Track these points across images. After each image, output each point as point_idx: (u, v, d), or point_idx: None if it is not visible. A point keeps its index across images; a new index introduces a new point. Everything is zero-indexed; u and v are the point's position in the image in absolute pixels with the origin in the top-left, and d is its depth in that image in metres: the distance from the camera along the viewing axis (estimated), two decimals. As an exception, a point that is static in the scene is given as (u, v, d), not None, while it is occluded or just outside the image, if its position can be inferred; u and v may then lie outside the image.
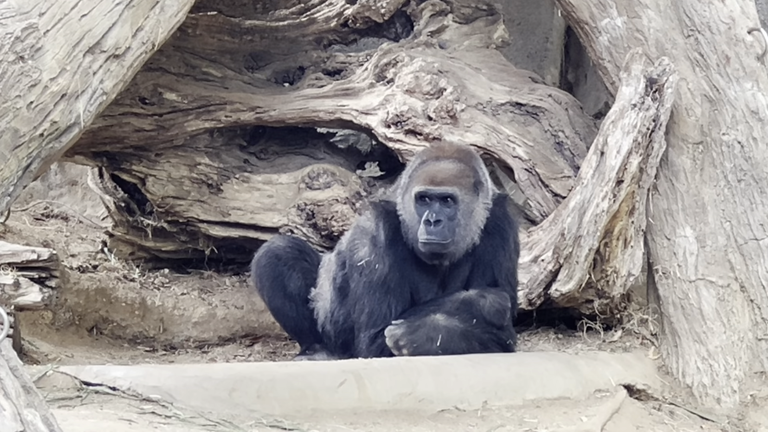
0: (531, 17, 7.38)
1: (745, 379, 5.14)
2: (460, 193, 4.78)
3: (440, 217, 4.73)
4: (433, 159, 4.88)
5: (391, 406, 4.44)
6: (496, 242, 4.92)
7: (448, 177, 4.79)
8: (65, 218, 6.85)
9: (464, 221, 4.78)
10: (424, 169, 4.84)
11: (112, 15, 4.33)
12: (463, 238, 4.81)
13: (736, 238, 5.22)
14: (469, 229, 4.83)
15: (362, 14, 6.24)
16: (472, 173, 4.86)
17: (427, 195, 4.76)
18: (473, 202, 4.83)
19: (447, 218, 4.74)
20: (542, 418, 4.60)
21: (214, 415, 4.14)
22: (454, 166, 4.83)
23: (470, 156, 4.97)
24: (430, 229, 4.71)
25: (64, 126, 4.25)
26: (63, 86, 4.19)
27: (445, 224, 4.72)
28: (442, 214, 4.74)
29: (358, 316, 4.93)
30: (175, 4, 4.58)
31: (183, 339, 6.03)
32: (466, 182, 4.82)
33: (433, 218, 4.72)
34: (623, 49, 5.37)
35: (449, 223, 4.74)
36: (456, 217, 4.76)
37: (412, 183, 4.82)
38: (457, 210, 4.77)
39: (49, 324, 5.65)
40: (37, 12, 4.14)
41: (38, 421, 2.90)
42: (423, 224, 4.72)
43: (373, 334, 4.82)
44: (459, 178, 4.80)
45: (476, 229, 4.86)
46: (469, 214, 4.80)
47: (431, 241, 4.73)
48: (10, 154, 4.10)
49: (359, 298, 4.90)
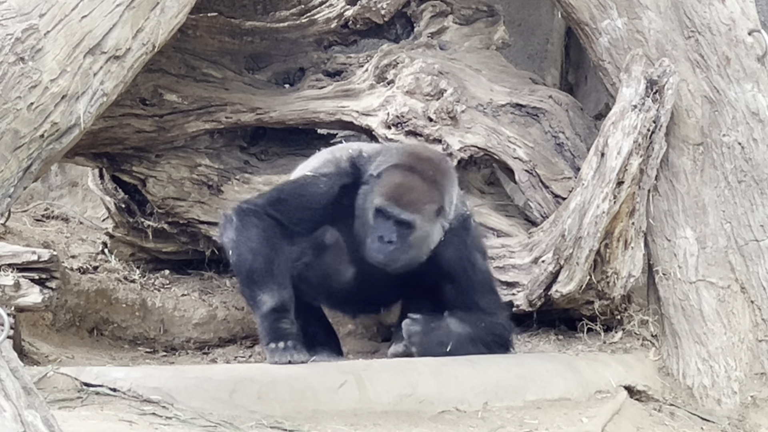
0: (531, 18, 7.38)
1: (745, 381, 5.14)
2: (420, 221, 4.73)
3: (393, 238, 4.69)
4: (406, 169, 4.80)
5: (391, 407, 4.44)
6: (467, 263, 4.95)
7: (413, 200, 4.72)
8: (66, 219, 6.85)
9: (417, 245, 4.76)
10: (393, 177, 4.77)
11: (112, 16, 4.33)
12: (411, 258, 4.78)
13: (736, 240, 5.22)
14: (420, 251, 4.80)
15: (362, 15, 6.24)
16: (438, 197, 4.79)
17: (386, 213, 4.71)
18: (431, 228, 4.79)
19: (400, 240, 4.70)
20: (543, 419, 4.60)
21: (215, 417, 4.14)
22: (423, 186, 4.76)
23: (443, 174, 4.89)
24: (381, 246, 4.69)
25: (65, 127, 4.25)
26: (63, 87, 4.19)
27: (397, 246, 4.69)
28: (397, 236, 4.69)
29: (271, 191, 4.93)
30: (175, 5, 4.58)
31: (183, 340, 6.03)
32: (430, 209, 4.76)
33: (387, 238, 4.68)
34: (623, 50, 5.37)
35: (401, 244, 4.70)
36: (409, 240, 4.73)
37: (378, 188, 4.75)
38: (412, 234, 4.73)
39: (49, 325, 5.65)
40: (37, 13, 4.14)
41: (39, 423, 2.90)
42: (376, 239, 4.70)
43: (269, 213, 4.76)
44: (423, 204, 4.74)
45: (427, 251, 4.82)
46: (423, 240, 4.77)
47: (378, 259, 4.71)
48: (10, 155, 4.10)
49: (290, 187, 4.91)
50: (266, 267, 4.69)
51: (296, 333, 4.66)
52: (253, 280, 4.71)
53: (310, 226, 4.83)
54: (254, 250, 4.68)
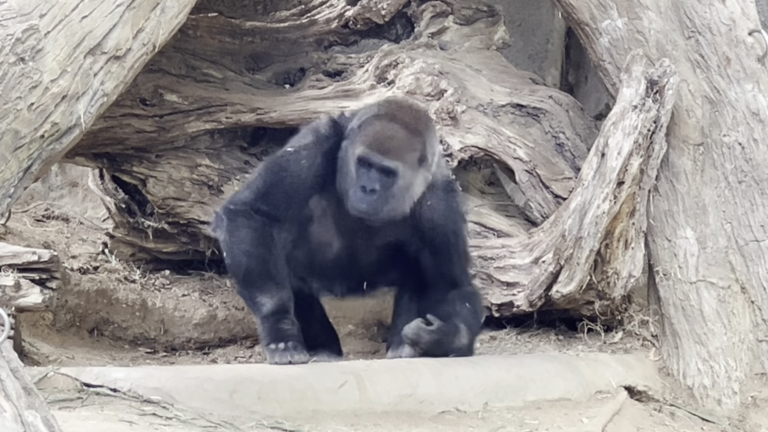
0: (531, 18, 7.37)
1: (745, 381, 5.14)
2: (402, 168, 4.66)
3: (376, 186, 4.62)
4: (386, 118, 4.74)
5: (391, 408, 4.45)
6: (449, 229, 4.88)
7: (394, 147, 4.66)
8: (66, 220, 6.85)
9: (400, 194, 4.69)
10: (373, 127, 4.71)
11: (112, 16, 4.33)
12: (394, 208, 4.70)
13: (736, 240, 5.22)
14: (404, 201, 4.73)
15: (363, 16, 6.24)
16: (420, 146, 4.73)
17: (368, 161, 4.65)
18: (414, 177, 4.72)
19: (383, 189, 4.63)
20: (543, 419, 4.60)
21: (215, 417, 4.14)
22: (404, 134, 4.71)
23: (424, 124, 4.84)
24: (364, 196, 4.62)
25: (65, 127, 4.26)
26: (64, 88, 4.19)
27: (380, 195, 4.63)
28: (380, 183, 4.63)
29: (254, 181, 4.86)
30: (175, 5, 4.58)
31: (184, 340, 6.03)
32: (411, 157, 4.70)
33: (369, 187, 4.62)
34: (624, 50, 5.37)
35: (384, 193, 4.64)
36: (392, 189, 4.66)
37: (359, 138, 4.69)
38: (395, 183, 4.66)
39: (49, 325, 5.65)
40: (37, 13, 4.14)
41: (39, 423, 2.90)
42: (358, 189, 4.63)
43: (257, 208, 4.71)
44: (405, 152, 4.68)
45: (410, 202, 4.76)
46: (406, 189, 4.70)
47: (361, 208, 4.64)
48: (10, 156, 4.10)
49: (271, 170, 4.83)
50: (262, 268, 4.67)
51: (296, 334, 4.65)
52: (250, 282, 4.70)
53: (301, 205, 4.79)
54: (248, 252, 4.67)
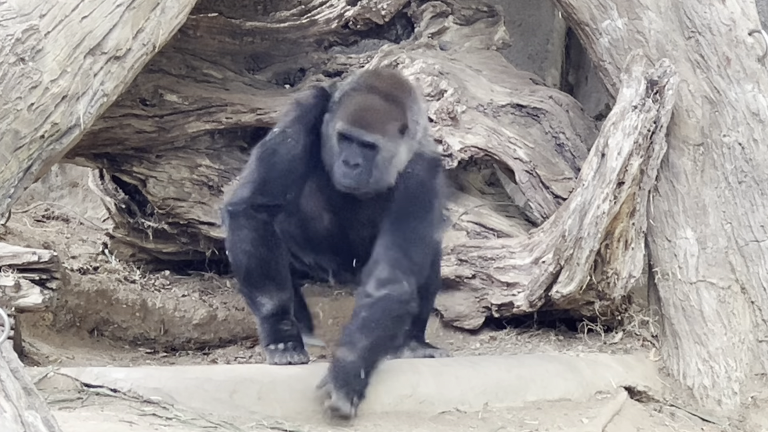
0: (532, 19, 7.38)
1: (745, 381, 5.14)
2: (382, 140, 4.59)
3: (359, 160, 4.57)
4: (365, 89, 4.68)
5: (391, 408, 4.45)
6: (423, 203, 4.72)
7: (374, 120, 4.60)
8: (66, 220, 6.85)
9: (383, 166, 4.63)
10: (353, 99, 4.65)
11: (112, 17, 4.34)
12: (378, 181, 4.64)
13: (736, 240, 5.22)
14: (388, 173, 4.66)
15: (363, 16, 6.24)
16: (400, 116, 4.65)
17: (349, 136, 4.60)
18: (397, 147, 4.65)
19: (366, 162, 4.58)
20: (543, 419, 4.60)
21: (215, 417, 4.14)
22: (383, 105, 4.63)
23: (405, 92, 4.76)
24: (347, 171, 4.58)
25: (65, 127, 4.26)
26: (64, 88, 4.19)
27: (363, 168, 4.58)
28: (362, 158, 4.58)
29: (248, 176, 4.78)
30: (175, 5, 4.58)
31: (184, 341, 6.03)
32: (392, 127, 4.63)
33: (352, 161, 4.58)
34: (624, 50, 5.37)
35: (367, 166, 4.58)
36: (375, 161, 4.60)
37: (339, 112, 4.64)
38: (377, 155, 4.60)
39: (49, 326, 5.65)
40: (37, 14, 4.15)
41: (39, 423, 2.90)
42: (341, 164, 4.59)
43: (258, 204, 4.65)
44: (385, 123, 4.61)
45: (395, 173, 4.68)
46: (389, 160, 4.64)
47: (346, 183, 4.60)
48: (10, 156, 4.10)
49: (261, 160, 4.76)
50: (263, 269, 4.66)
51: (296, 334, 4.64)
52: (250, 282, 4.70)
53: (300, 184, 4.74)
54: (248, 252, 4.66)
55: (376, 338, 4.39)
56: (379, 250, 4.60)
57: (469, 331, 5.75)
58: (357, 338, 4.37)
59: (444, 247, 5.78)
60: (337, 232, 4.83)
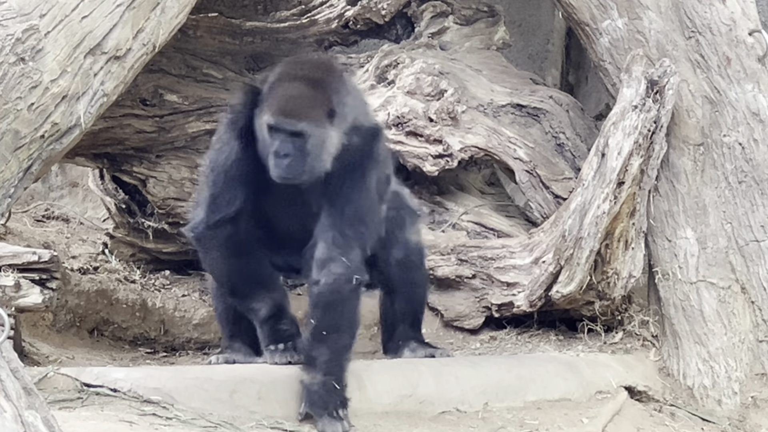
0: (532, 19, 7.38)
1: (746, 381, 5.14)
2: (309, 127, 4.53)
3: (290, 151, 4.52)
4: (289, 79, 4.62)
5: (391, 408, 4.45)
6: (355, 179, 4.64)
7: (298, 108, 4.53)
8: (66, 220, 6.85)
9: (315, 152, 4.56)
10: (278, 91, 4.59)
11: (112, 16, 4.34)
12: (313, 168, 4.57)
13: (737, 240, 5.22)
14: (321, 159, 4.59)
15: (363, 16, 6.24)
16: (326, 100, 4.58)
17: (277, 128, 4.54)
18: (326, 132, 4.58)
19: (297, 151, 4.52)
20: (543, 419, 4.60)
21: (215, 417, 4.14)
22: (307, 92, 4.57)
23: (330, 75, 4.70)
24: (279, 162, 4.53)
25: (65, 127, 4.26)
26: (64, 88, 4.19)
27: (295, 158, 4.52)
28: (293, 147, 4.52)
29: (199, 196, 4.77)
30: (175, 5, 4.58)
31: (184, 340, 6.03)
32: (318, 113, 4.55)
33: (283, 152, 4.52)
34: (624, 50, 5.36)
35: (299, 155, 4.52)
36: (306, 150, 4.54)
37: (266, 104, 4.58)
38: (307, 143, 4.53)
39: (49, 326, 5.65)
40: (37, 13, 4.15)
41: (39, 423, 2.90)
42: (273, 156, 4.54)
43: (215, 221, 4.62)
44: (310, 109, 4.54)
45: (328, 158, 4.61)
46: (320, 146, 4.57)
47: (281, 175, 4.54)
48: (10, 156, 4.10)
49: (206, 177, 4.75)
50: (246, 279, 4.65)
51: (295, 332, 4.64)
52: (239, 294, 4.70)
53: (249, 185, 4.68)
54: (225, 268, 4.68)
55: (332, 343, 4.36)
56: (317, 231, 4.58)
57: (469, 331, 5.75)
58: (316, 352, 4.34)
59: (444, 247, 5.80)
60: (298, 228, 4.80)
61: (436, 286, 5.83)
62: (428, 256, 5.80)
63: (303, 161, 4.53)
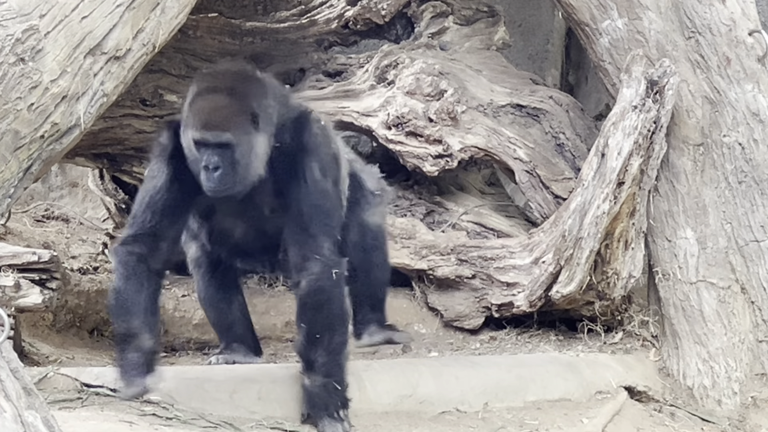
0: (532, 19, 7.38)
1: (745, 381, 5.14)
2: (235, 137, 4.47)
3: (219, 164, 4.45)
4: (206, 91, 4.56)
5: (391, 408, 4.45)
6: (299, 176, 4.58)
7: (221, 120, 4.47)
8: (66, 220, 6.85)
9: (244, 161, 4.50)
10: (198, 105, 4.54)
11: (112, 17, 4.34)
12: (245, 177, 4.52)
13: (736, 240, 5.22)
14: (252, 166, 4.54)
15: (363, 16, 6.24)
16: (246, 106, 4.52)
17: (202, 142, 4.48)
18: (252, 139, 4.52)
19: (226, 162, 4.46)
20: (543, 419, 4.60)
21: (215, 417, 4.14)
22: (228, 102, 4.51)
23: (247, 81, 4.65)
24: (210, 176, 4.46)
25: (65, 127, 4.26)
26: (64, 88, 4.19)
27: (225, 169, 4.45)
28: (221, 160, 4.46)
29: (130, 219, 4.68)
30: (175, 5, 4.58)
31: (184, 341, 6.02)
32: (242, 120, 4.50)
33: (212, 165, 4.46)
34: (624, 50, 5.36)
35: (228, 166, 4.46)
36: (234, 159, 4.47)
37: (189, 120, 4.53)
38: (234, 153, 4.47)
39: (49, 326, 5.64)
40: (37, 14, 4.15)
41: (39, 423, 2.90)
42: (203, 171, 4.48)
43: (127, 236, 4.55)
44: (233, 119, 4.48)
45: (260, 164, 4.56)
46: (248, 153, 4.51)
47: (212, 188, 4.48)
48: (10, 156, 4.10)
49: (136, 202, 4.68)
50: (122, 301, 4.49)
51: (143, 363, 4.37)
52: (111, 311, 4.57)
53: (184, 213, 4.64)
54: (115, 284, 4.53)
55: (327, 343, 4.33)
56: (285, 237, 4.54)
57: (469, 331, 5.76)
58: (312, 356, 4.32)
59: (444, 247, 5.80)
60: (253, 234, 4.77)
61: (436, 286, 5.84)
62: (428, 256, 5.81)
63: (233, 172, 4.46)
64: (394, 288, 6.07)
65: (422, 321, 5.90)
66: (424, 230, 5.94)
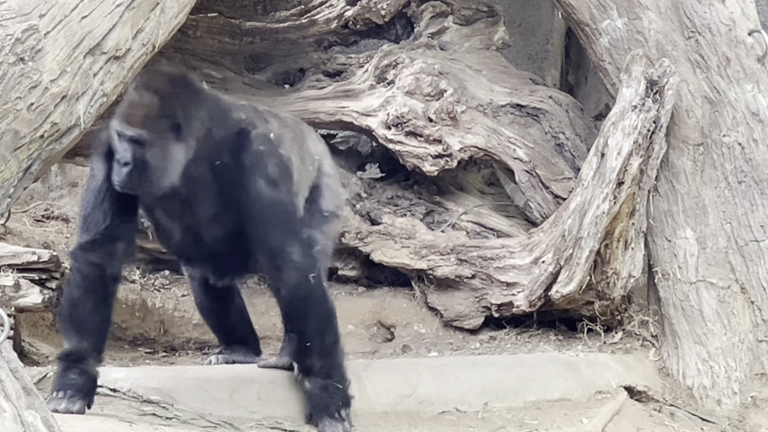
0: (531, 19, 7.38)
1: (745, 381, 5.14)
2: (149, 137, 4.35)
3: (129, 159, 4.35)
4: (138, 87, 4.45)
5: (391, 408, 4.45)
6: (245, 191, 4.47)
7: (141, 117, 4.35)
8: (66, 220, 6.85)
9: (155, 164, 4.38)
10: (128, 98, 4.44)
11: (112, 17, 4.34)
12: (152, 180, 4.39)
13: (736, 240, 5.22)
14: (164, 172, 4.41)
15: (363, 16, 6.24)
16: (171, 113, 4.41)
17: (119, 133, 4.37)
18: (170, 146, 4.41)
19: (138, 159, 4.35)
20: (543, 419, 4.60)
21: (215, 417, 4.14)
22: (153, 102, 4.40)
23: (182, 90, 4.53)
24: (119, 170, 4.36)
25: (65, 127, 4.26)
26: (63, 88, 4.19)
27: (135, 166, 4.35)
28: (132, 155, 4.35)
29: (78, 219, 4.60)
30: (175, 5, 4.58)
31: (183, 340, 6.03)
32: (162, 124, 4.39)
33: (123, 160, 4.36)
34: (624, 50, 5.37)
35: (138, 164, 4.35)
36: (145, 159, 4.36)
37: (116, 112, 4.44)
38: (146, 153, 4.36)
39: (49, 325, 5.64)
40: (37, 14, 4.15)
41: (39, 423, 2.90)
42: (115, 163, 4.38)
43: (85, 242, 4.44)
44: (154, 119, 4.37)
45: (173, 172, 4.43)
46: (162, 158, 4.39)
47: (118, 182, 4.38)
48: (10, 156, 4.10)
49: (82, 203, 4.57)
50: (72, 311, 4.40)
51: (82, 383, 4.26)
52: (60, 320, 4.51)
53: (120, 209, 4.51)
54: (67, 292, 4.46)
55: (320, 346, 4.31)
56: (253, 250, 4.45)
57: (469, 331, 5.76)
58: (309, 361, 4.31)
59: (444, 247, 5.80)
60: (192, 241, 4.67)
61: (435, 286, 5.84)
62: (428, 256, 5.81)
63: (143, 171, 4.36)
64: (393, 288, 6.09)
65: (422, 321, 5.91)
66: (424, 230, 5.94)
